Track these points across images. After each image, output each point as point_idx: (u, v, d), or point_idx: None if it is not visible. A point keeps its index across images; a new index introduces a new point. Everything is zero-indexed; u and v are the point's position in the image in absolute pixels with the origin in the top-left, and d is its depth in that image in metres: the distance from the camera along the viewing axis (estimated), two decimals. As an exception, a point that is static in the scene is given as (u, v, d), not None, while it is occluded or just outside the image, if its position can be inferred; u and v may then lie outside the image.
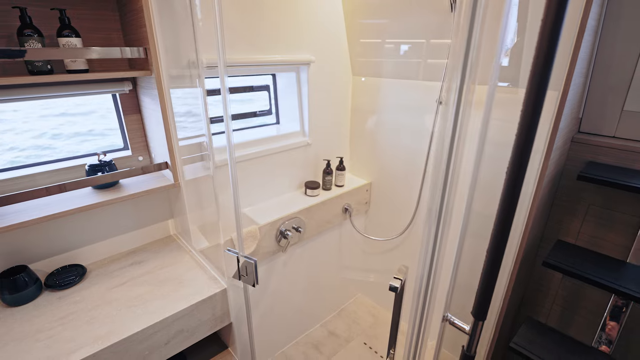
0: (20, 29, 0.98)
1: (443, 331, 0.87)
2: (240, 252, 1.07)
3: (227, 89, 0.91)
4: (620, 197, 1.15)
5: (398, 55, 1.68)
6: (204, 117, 1.06)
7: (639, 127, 1.12)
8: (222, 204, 1.41)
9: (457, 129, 0.71)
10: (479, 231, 1.07)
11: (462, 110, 0.70)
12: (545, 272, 1.38)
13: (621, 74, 1.09)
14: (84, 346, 0.95)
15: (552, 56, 0.58)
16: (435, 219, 0.77)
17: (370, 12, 1.68)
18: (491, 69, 0.69)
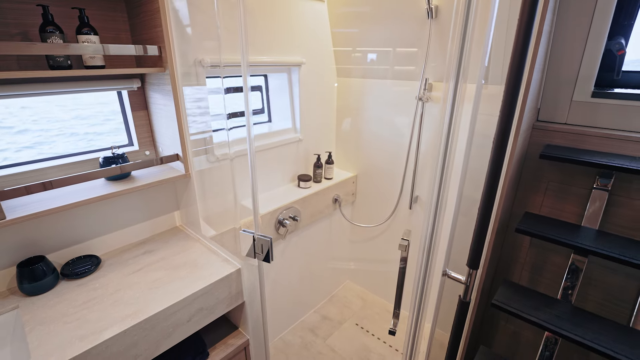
0: (43, 26, 1.01)
1: (443, 285, 0.99)
2: (256, 232, 1.15)
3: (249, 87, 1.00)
4: (572, 173, 1.35)
5: (378, 57, 1.83)
6: (224, 112, 1.13)
7: (584, 114, 1.32)
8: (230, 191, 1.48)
9: (452, 122, 0.84)
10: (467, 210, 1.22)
11: (457, 105, 0.83)
12: (514, 242, 1.57)
13: (569, 70, 1.29)
14: (114, 324, 0.98)
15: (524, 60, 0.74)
16: (436, 195, 0.89)
17: (351, 21, 1.82)
18: (477, 71, 0.83)
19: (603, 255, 1.12)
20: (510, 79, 0.86)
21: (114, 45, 1.07)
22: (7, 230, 1.11)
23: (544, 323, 1.15)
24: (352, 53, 1.93)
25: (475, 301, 1.30)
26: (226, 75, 1.68)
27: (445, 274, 0.97)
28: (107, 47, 1.06)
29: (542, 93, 1.39)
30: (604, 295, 1.37)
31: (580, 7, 1.22)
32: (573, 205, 1.37)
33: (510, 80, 0.86)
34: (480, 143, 1.03)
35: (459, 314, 0.98)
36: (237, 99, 1.86)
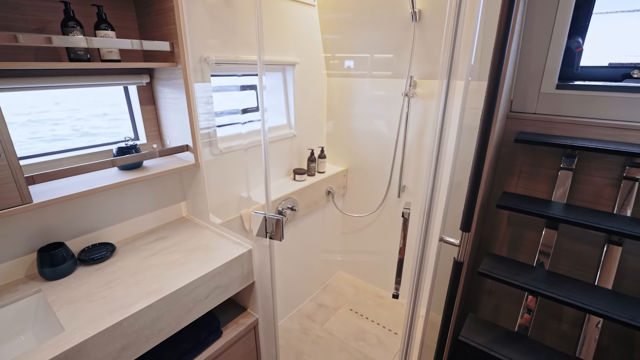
0: (64, 21, 1.06)
1: (440, 249, 1.11)
2: (267, 213, 1.23)
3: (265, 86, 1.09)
4: (542, 157, 1.52)
5: (365, 58, 1.96)
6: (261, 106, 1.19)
7: (551, 104, 1.50)
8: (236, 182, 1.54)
9: (445, 115, 0.97)
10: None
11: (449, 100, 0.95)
12: (494, 222, 1.72)
13: (537, 65, 1.47)
14: (139, 300, 1.03)
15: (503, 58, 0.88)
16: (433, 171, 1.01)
17: (340, 24, 1.94)
18: (465, 70, 0.97)
19: (570, 222, 1.28)
20: (492, 76, 1.00)
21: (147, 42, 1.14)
22: (26, 217, 1.13)
23: (524, 285, 1.30)
24: (341, 54, 2.05)
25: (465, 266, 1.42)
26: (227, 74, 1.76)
27: (442, 240, 1.09)
28: (142, 42, 1.13)
29: (514, 86, 1.56)
30: (572, 262, 1.55)
31: (544, 10, 1.39)
32: (544, 184, 1.55)
33: (492, 77, 1.01)
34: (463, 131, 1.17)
35: (453, 275, 1.10)
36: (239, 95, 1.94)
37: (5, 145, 0.89)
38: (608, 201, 1.42)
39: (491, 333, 1.40)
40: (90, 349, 0.91)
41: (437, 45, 1.70)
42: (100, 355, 0.93)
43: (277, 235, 1.24)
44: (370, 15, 1.84)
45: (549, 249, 1.46)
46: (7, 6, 1.03)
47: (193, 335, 1.23)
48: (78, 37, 0.99)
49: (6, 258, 1.12)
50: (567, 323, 1.64)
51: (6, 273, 1.12)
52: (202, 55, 1.44)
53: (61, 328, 0.93)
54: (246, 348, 1.44)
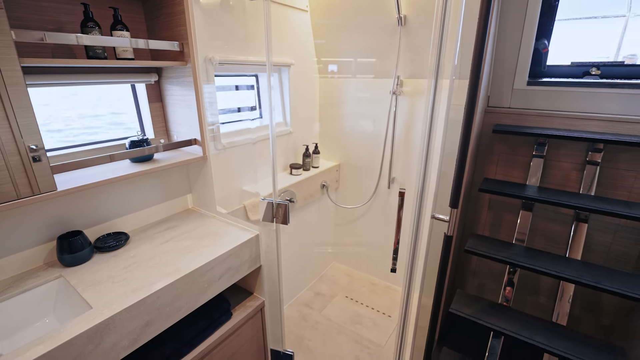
0: (84, 22, 1.12)
1: (432, 226, 1.22)
2: (275, 199, 1.31)
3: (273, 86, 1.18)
4: (516, 146, 1.67)
5: (355, 59, 2.08)
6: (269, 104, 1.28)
7: (523, 99, 1.65)
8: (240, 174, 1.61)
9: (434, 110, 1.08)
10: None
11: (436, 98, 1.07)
12: (476, 207, 1.86)
13: (510, 64, 1.62)
14: (160, 280, 1.09)
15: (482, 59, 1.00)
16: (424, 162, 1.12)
17: (330, 29, 2.06)
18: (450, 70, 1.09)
19: (543, 201, 1.42)
20: (472, 75, 1.14)
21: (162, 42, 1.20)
22: (45, 206, 1.17)
23: (506, 259, 1.43)
24: (331, 58, 2.17)
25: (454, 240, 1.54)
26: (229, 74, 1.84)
27: (433, 217, 1.20)
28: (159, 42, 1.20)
29: (491, 84, 1.71)
30: (546, 239, 1.70)
31: (514, 16, 1.54)
32: (519, 171, 1.70)
33: (472, 76, 1.14)
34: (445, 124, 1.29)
35: (444, 248, 1.21)
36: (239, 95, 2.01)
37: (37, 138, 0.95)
38: (575, 183, 1.58)
39: (478, 305, 1.53)
40: (118, 323, 0.96)
41: (421, 47, 1.83)
42: (127, 330, 0.99)
43: (283, 219, 1.33)
44: (359, 20, 1.96)
45: (526, 228, 1.61)
46: (25, 7, 1.08)
47: (207, 315, 1.29)
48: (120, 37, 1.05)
49: (26, 246, 1.15)
50: (544, 296, 1.79)
51: (26, 260, 1.16)
52: (207, 55, 1.52)
53: (88, 306, 0.98)
54: (254, 329, 1.51)
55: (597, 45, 1.56)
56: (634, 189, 1.45)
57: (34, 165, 0.96)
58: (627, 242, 1.52)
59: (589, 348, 1.28)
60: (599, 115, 1.47)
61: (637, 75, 1.43)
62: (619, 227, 1.52)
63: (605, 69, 1.50)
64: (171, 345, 1.16)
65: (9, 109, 0.89)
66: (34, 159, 0.95)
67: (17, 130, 0.91)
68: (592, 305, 1.67)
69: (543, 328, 1.38)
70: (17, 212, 1.11)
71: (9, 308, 1.04)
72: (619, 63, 1.49)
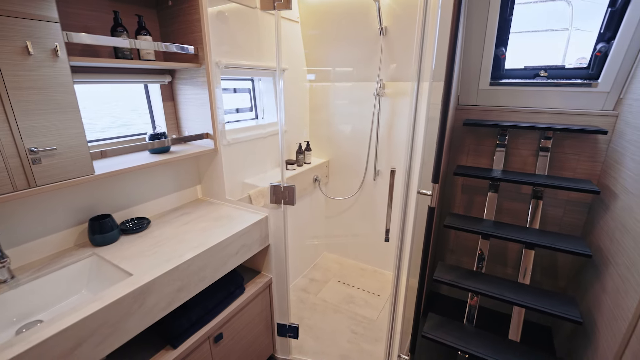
0: (114, 27, 1.24)
1: (417, 200, 1.42)
2: (283, 183, 1.47)
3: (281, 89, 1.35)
4: (483, 137, 1.93)
5: (342, 65, 2.29)
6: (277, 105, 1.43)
7: (487, 97, 1.91)
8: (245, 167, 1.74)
9: (417, 109, 1.29)
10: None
11: (418, 98, 1.28)
12: (451, 191, 2.10)
13: (475, 68, 1.88)
14: (188, 252, 1.22)
15: (453, 63, 1.22)
16: (410, 148, 1.32)
17: (318, 38, 2.26)
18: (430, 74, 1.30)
19: (506, 181, 1.67)
20: (446, 78, 1.35)
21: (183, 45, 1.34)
22: (78, 191, 1.27)
23: (478, 230, 1.66)
24: (318, 62, 2.36)
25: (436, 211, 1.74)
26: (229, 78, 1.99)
27: (419, 192, 1.40)
28: (182, 46, 1.32)
29: (460, 85, 1.96)
30: (510, 215, 1.95)
31: (477, 28, 1.80)
32: (486, 158, 1.95)
33: (446, 79, 1.36)
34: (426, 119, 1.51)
35: (428, 218, 1.41)
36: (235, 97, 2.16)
37: (80, 128, 1.06)
38: (531, 167, 1.84)
39: (457, 272, 1.74)
40: (157, 287, 1.08)
41: (400, 54, 2.06)
42: (163, 294, 1.10)
43: (290, 200, 1.48)
44: (345, 31, 2.17)
45: (493, 207, 1.85)
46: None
47: (225, 288, 1.42)
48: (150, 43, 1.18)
49: (59, 229, 1.24)
50: (510, 267, 2.04)
51: (59, 242, 1.24)
52: (215, 59, 1.66)
53: (128, 274, 1.10)
54: (263, 304, 1.64)
55: (546, 52, 1.84)
56: (578, 168, 1.73)
57: (81, 152, 1.07)
58: (574, 214, 1.79)
59: (548, 299, 1.52)
60: (547, 109, 1.74)
61: (575, 76, 1.72)
62: (567, 202, 1.79)
63: (551, 72, 1.79)
64: (196, 312, 1.28)
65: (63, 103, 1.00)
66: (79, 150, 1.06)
67: (65, 124, 1.02)
68: (550, 271, 1.93)
69: (511, 287, 1.61)
70: (56, 195, 1.21)
71: (48, 283, 1.13)
72: (561, 67, 1.78)
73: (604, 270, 1.44)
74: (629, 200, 1.33)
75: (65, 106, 1.03)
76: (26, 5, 0.90)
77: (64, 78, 1.01)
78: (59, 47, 0.98)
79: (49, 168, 1.01)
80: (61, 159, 1.03)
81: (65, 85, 1.02)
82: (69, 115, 1.03)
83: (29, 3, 0.91)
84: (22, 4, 0.90)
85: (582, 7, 1.75)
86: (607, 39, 1.59)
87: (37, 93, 0.96)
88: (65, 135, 1.03)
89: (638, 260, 1.17)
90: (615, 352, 1.18)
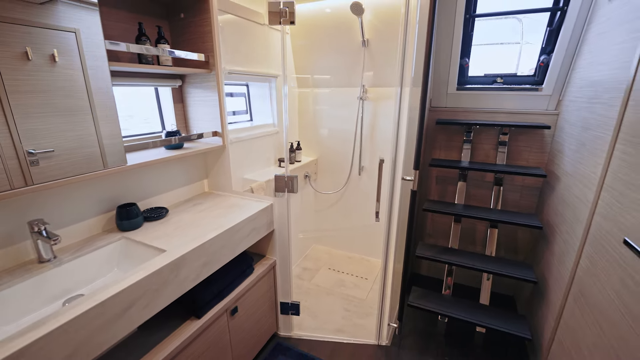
0: (138, 36, 1.39)
1: (401, 186, 1.66)
2: (287, 173, 1.65)
3: (286, 95, 1.54)
4: (452, 135, 2.21)
5: (328, 73, 2.52)
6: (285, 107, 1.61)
7: (454, 100, 2.20)
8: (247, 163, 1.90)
9: (400, 110, 1.53)
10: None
11: (401, 101, 1.52)
12: (427, 183, 2.37)
13: (444, 75, 2.17)
14: (209, 232, 1.37)
15: (428, 71, 1.48)
16: (395, 141, 1.56)
17: (307, 48, 2.48)
18: (410, 79, 1.54)
19: (473, 169, 1.95)
20: (423, 84, 1.61)
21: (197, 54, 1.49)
22: (108, 181, 1.39)
23: (451, 212, 1.92)
24: (306, 71, 2.58)
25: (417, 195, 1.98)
26: (231, 83, 2.15)
27: (403, 179, 1.64)
28: (197, 54, 1.48)
29: (432, 89, 2.24)
30: (477, 200, 2.25)
31: (445, 42, 2.10)
32: (455, 152, 2.24)
33: (423, 84, 1.61)
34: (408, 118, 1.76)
35: (411, 200, 1.65)
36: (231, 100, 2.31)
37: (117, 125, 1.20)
38: (492, 158, 2.14)
39: (435, 249, 1.99)
40: (188, 261, 1.23)
41: (381, 63, 2.32)
42: (192, 267, 1.25)
43: (293, 189, 1.67)
44: (331, 42, 2.40)
45: (463, 193, 2.13)
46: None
47: (238, 267, 1.57)
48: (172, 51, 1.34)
49: (89, 216, 1.35)
50: (479, 245, 2.33)
51: (90, 228, 1.36)
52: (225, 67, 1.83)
53: (162, 251, 1.24)
54: (268, 284, 1.80)
55: (502, 62, 2.17)
56: (530, 158, 2.05)
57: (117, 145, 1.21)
58: (529, 197, 2.11)
59: (510, 267, 1.80)
60: (504, 110, 2.05)
61: (525, 82, 2.05)
62: (523, 187, 2.11)
63: (506, 78, 2.10)
64: (216, 286, 1.43)
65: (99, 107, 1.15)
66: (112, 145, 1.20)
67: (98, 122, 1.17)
68: (511, 247, 2.23)
69: (480, 258, 1.88)
70: (90, 184, 1.32)
71: (85, 263, 1.24)
72: (513, 74, 2.10)
73: (552, 239, 1.74)
74: (568, 180, 1.64)
75: (104, 108, 1.16)
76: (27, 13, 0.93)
77: (103, 83, 1.15)
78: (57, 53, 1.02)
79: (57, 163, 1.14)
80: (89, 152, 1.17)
81: (106, 90, 1.16)
82: (105, 112, 1.17)
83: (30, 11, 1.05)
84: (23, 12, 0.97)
85: (531, 23, 2.09)
86: (547, 52, 1.92)
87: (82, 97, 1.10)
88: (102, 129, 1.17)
89: (575, 226, 1.46)
90: (561, 299, 1.46)
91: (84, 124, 1.12)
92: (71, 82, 1.07)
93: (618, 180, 1.13)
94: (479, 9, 2.00)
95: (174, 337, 1.26)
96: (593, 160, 1.37)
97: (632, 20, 1.22)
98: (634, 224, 0.99)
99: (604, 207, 1.20)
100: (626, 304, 0.98)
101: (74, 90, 1.08)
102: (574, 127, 1.66)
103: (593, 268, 1.22)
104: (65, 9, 1.03)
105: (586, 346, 1.18)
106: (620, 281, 1.02)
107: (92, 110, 1.13)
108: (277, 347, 1.88)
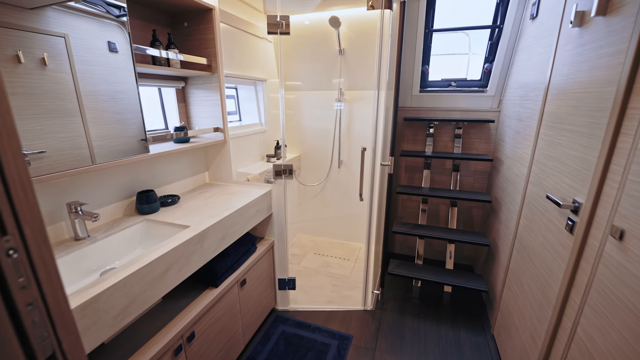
0: (152, 41, 1.54)
1: (380, 172, 1.94)
2: (282, 162, 1.87)
3: (283, 96, 1.76)
4: (417, 129, 2.56)
5: (308, 78, 2.77)
6: (282, 108, 1.82)
7: (418, 101, 2.55)
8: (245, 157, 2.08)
9: (378, 110, 1.82)
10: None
11: (379, 101, 1.81)
12: (397, 171, 2.69)
13: (409, 79, 2.51)
14: (223, 212, 1.55)
15: (399, 76, 1.80)
16: (374, 138, 1.84)
17: (289, 55, 2.72)
18: (385, 83, 1.84)
19: (435, 157, 2.29)
20: (395, 87, 1.91)
21: (203, 58, 1.66)
22: (130, 169, 1.51)
23: (419, 193, 2.24)
24: (292, 78, 2.81)
25: (394, 178, 2.28)
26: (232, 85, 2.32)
27: (382, 164, 1.92)
28: (202, 58, 1.65)
29: (400, 92, 2.57)
30: (440, 184, 2.60)
31: (409, 49, 2.44)
32: (420, 145, 2.58)
33: (395, 87, 1.91)
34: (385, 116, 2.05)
35: (389, 182, 1.94)
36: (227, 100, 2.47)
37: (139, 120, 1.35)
38: (451, 149, 2.51)
39: (408, 226, 2.30)
40: (210, 234, 1.40)
41: (355, 69, 2.61)
42: (213, 239, 1.43)
43: (289, 175, 1.89)
44: (311, 50, 2.66)
45: (427, 180, 2.47)
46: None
47: (244, 245, 1.75)
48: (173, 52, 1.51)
49: (112, 201, 1.47)
50: (442, 222, 2.69)
51: (113, 212, 1.48)
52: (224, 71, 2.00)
53: (185, 226, 1.40)
54: (268, 262, 1.99)
55: (455, 69, 2.55)
56: (480, 148, 2.44)
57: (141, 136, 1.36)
58: (480, 180, 2.50)
59: (468, 236, 2.15)
60: (458, 108, 2.43)
61: (474, 86, 2.44)
62: (475, 172, 2.49)
63: (459, 82, 2.49)
64: (230, 259, 1.61)
65: (134, 95, 1.30)
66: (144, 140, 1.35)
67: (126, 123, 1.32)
68: (468, 222, 2.61)
69: (443, 231, 2.22)
70: (114, 171, 1.45)
71: (114, 241, 1.37)
72: (464, 79, 2.49)
73: (499, 211, 2.11)
74: (509, 162, 2.02)
75: (131, 106, 1.32)
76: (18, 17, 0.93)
77: (128, 85, 1.31)
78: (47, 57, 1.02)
79: (106, 148, 1.29)
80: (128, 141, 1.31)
81: (132, 92, 1.31)
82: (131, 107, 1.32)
83: (25, 16, 1.20)
84: (17, 17, 1.18)
85: (477, 37, 2.50)
86: (490, 60, 2.32)
87: (120, 89, 1.25)
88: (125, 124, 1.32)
89: (515, 196, 1.83)
90: (508, 254, 1.82)
91: (127, 116, 1.26)
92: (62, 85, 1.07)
93: (542, 155, 1.49)
94: (436, 25, 2.37)
95: (198, 302, 1.43)
96: (526, 143, 1.75)
97: (547, 37, 1.60)
98: (551, 184, 1.34)
99: (534, 177, 1.56)
100: (548, 240, 1.32)
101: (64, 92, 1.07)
102: (511, 120, 2.05)
103: (528, 223, 1.57)
104: (55, 15, 1.04)
105: (526, 282, 1.53)
106: (544, 225, 1.37)
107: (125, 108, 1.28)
108: (277, 319, 2.07)
